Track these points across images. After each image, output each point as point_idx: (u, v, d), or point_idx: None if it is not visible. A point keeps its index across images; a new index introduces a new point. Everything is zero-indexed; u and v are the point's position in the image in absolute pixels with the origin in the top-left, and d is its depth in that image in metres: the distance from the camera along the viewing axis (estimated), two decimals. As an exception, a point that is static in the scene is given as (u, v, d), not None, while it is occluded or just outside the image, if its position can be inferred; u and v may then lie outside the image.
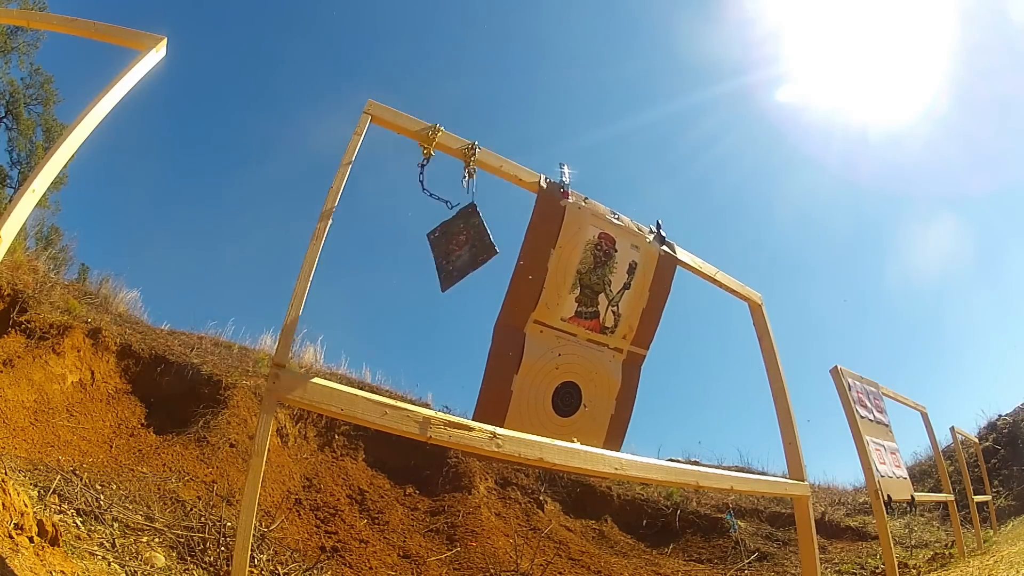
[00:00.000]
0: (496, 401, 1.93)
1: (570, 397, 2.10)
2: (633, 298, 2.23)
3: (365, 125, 1.68)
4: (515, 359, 1.97)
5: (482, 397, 1.93)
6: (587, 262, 2.11)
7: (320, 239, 1.49)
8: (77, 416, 4.83)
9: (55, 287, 6.61)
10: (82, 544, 2.57)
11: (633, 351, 2.27)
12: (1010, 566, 3.96)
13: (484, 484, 6.58)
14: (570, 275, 2.07)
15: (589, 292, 2.12)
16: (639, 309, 2.25)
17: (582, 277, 2.10)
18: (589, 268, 2.12)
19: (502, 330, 1.96)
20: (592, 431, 2.13)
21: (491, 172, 1.94)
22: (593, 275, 2.13)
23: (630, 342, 2.26)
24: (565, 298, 2.07)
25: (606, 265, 2.16)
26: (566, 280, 2.06)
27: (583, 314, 2.12)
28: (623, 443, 2.20)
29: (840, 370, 3.96)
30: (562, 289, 2.06)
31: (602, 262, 2.15)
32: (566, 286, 2.06)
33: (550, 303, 2.03)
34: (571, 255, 2.07)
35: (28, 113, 13.50)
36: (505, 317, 1.97)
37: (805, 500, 2.40)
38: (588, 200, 2.14)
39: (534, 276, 1.99)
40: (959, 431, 6.80)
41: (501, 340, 1.97)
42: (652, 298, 2.28)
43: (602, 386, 2.17)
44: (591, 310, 2.13)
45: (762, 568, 5.83)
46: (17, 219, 1.49)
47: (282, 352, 1.37)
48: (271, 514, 4.55)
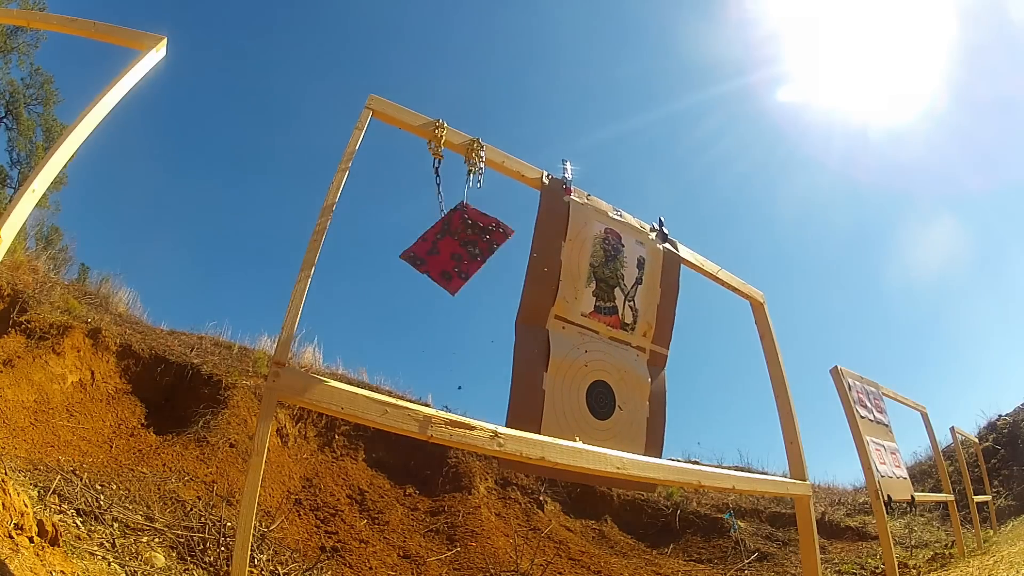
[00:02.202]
0: (529, 402, 1.84)
1: (604, 397, 2.02)
2: (647, 293, 2.22)
3: (366, 120, 1.67)
4: (542, 356, 1.90)
5: (514, 398, 1.83)
6: (598, 255, 2.09)
7: (320, 237, 1.49)
8: (77, 416, 4.82)
9: (55, 287, 6.60)
10: (82, 544, 2.57)
11: (655, 350, 2.24)
12: (1010, 566, 3.95)
13: (484, 484, 6.58)
14: (584, 268, 2.05)
15: (605, 286, 2.10)
16: (654, 305, 2.23)
17: (596, 271, 2.08)
18: (601, 261, 2.10)
19: (524, 327, 1.91)
20: (631, 435, 2.04)
21: (494, 168, 1.93)
22: (606, 268, 2.11)
23: (651, 340, 2.22)
24: (582, 291, 2.04)
25: (616, 259, 2.15)
26: (581, 273, 2.04)
27: (602, 309, 2.08)
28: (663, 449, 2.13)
29: (840, 370, 3.96)
30: (578, 282, 2.03)
31: (612, 256, 2.13)
32: (582, 279, 2.04)
33: (568, 297, 1.99)
34: (582, 249, 2.05)
35: (28, 113, 13.51)
36: (525, 313, 1.92)
37: (806, 500, 2.40)
38: (590, 197, 2.15)
39: (549, 268, 1.96)
40: (959, 431, 6.80)
41: (525, 337, 1.90)
42: (664, 294, 2.26)
43: (633, 386, 2.11)
44: (609, 305, 2.10)
45: (762, 568, 5.82)
46: (17, 219, 1.48)
47: (282, 351, 1.36)
48: (271, 514, 4.55)
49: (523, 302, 1.92)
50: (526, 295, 1.92)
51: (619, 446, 1.93)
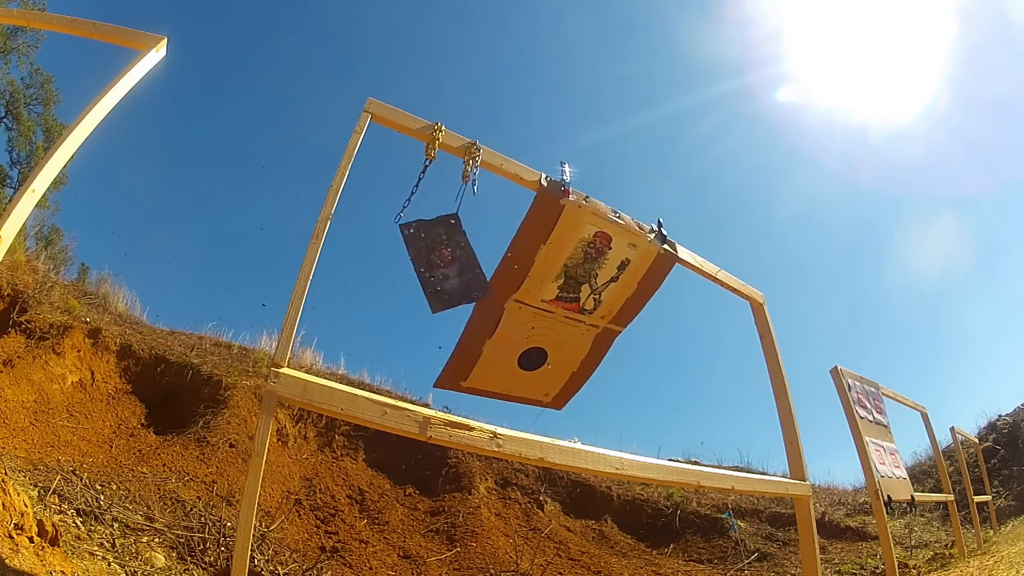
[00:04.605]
0: (466, 357, 2.12)
1: (536, 357, 2.28)
2: (618, 288, 2.30)
3: (365, 123, 1.68)
4: (490, 327, 2.14)
5: (453, 355, 2.13)
6: (576, 257, 2.16)
7: (320, 238, 1.49)
8: (77, 416, 4.82)
9: (55, 287, 6.60)
10: (82, 544, 2.57)
11: (609, 328, 2.38)
12: (1010, 566, 3.95)
13: (484, 484, 6.58)
14: (556, 267, 2.14)
15: (572, 282, 2.21)
16: (623, 297, 2.33)
17: (568, 270, 2.17)
18: (577, 263, 2.17)
19: (482, 304, 2.05)
20: (551, 383, 2.37)
21: (492, 171, 1.93)
22: (580, 269, 2.20)
23: (607, 321, 2.36)
24: (548, 285, 2.16)
25: (596, 261, 2.21)
26: (551, 271, 2.14)
27: (563, 298, 2.22)
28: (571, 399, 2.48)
29: (840, 370, 3.96)
30: (546, 279, 2.14)
31: (592, 258, 2.20)
32: (550, 276, 2.14)
33: (532, 288, 2.13)
34: (561, 250, 2.12)
35: (28, 113, 13.50)
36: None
37: (806, 500, 2.40)
38: (589, 199, 2.14)
39: (520, 266, 2.07)
40: (959, 431, 6.80)
41: (480, 312, 2.10)
42: (639, 290, 2.34)
43: (569, 351, 2.34)
44: (572, 295, 2.23)
45: (762, 568, 5.82)
46: (17, 219, 1.49)
47: (282, 352, 1.36)
48: (271, 514, 4.55)
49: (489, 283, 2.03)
50: (492, 281, 2.02)
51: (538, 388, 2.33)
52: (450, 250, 1.83)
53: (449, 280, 1.80)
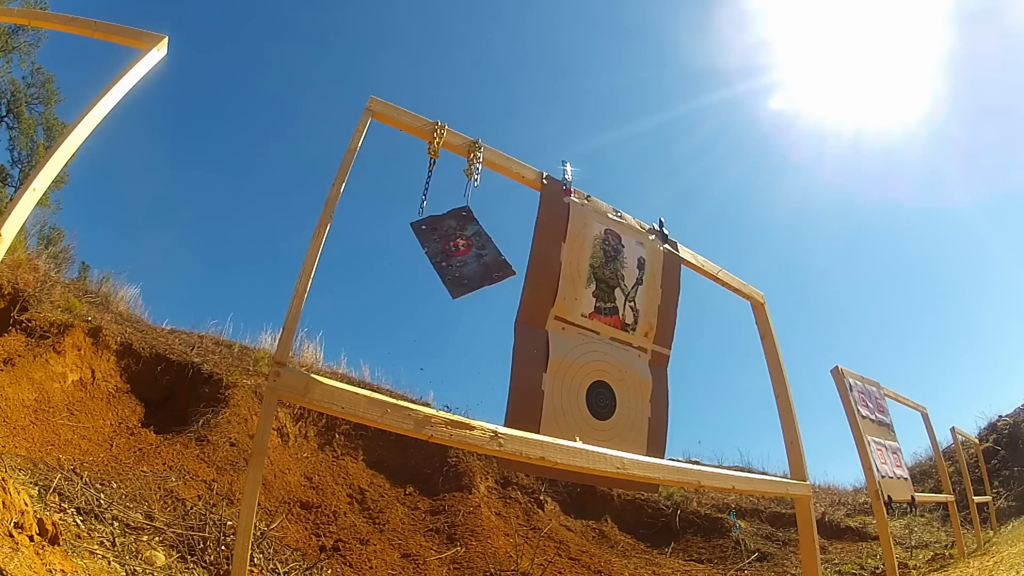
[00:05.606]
0: (528, 403, 1.83)
1: (603, 398, 2.01)
2: (647, 293, 2.21)
3: (367, 122, 1.68)
4: (541, 357, 1.90)
5: (513, 399, 1.82)
6: (598, 256, 2.09)
7: (321, 237, 1.49)
8: (77, 415, 4.83)
9: (56, 286, 6.61)
10: (82, 543, 2.57)
11: (657, 350, 2.23)
12: (1010, 567, 3.95)
13: (484, 484, 6.58)
14: (583, 269, 2.05)
15: (605, 287, 2.10)
16: (655, 305, 2.23)
17: (596, 271, 2.08)
18: (601, 262, 2.10)
19: (524, 328, 1.90)
20: (632, 436, 2.03)
21: (494, 169, 1.93)
22: (606, 269, 2.11)
23: (652, 340, 2.21)
24: (582, 292, 2.03)
25: (616, 260, 2.15)
26: (581, 274, 2.04)
27: (602, 310, 2.08)
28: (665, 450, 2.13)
29: (841, 370, 3.96)
30: (578, 283, 2.03)
31: (612, 257, 2.13)
32: (581, 279, 2.04)
33: (568, 297, 1.99)
34: (581, 250, 2.05)
35: (29, 112, 13.50)
36: (525, 313, 1.92)
37: (806, 500, 2.39)
38: (590, 198, 2.14)
39: (549, 269, 1.96)
40: (959, 431, 6.80)
41: (524, 338, 1.89)
42: (665, 295, 2.26)
43: (633, 386, 2.10)
44: (609, 305, 2.10)
45: (762, 568, 5.83)
46: (18, 218, 1.48)
47: (283, 350, 1.36)
48: (271, 513, 4.55)
49: (522, 302, 1.92)
50: (525, 295, 1.92)
51: (620, 446, 1.91)
52: (465, 239, 1.81)
53: (468, 266, 1.76)
